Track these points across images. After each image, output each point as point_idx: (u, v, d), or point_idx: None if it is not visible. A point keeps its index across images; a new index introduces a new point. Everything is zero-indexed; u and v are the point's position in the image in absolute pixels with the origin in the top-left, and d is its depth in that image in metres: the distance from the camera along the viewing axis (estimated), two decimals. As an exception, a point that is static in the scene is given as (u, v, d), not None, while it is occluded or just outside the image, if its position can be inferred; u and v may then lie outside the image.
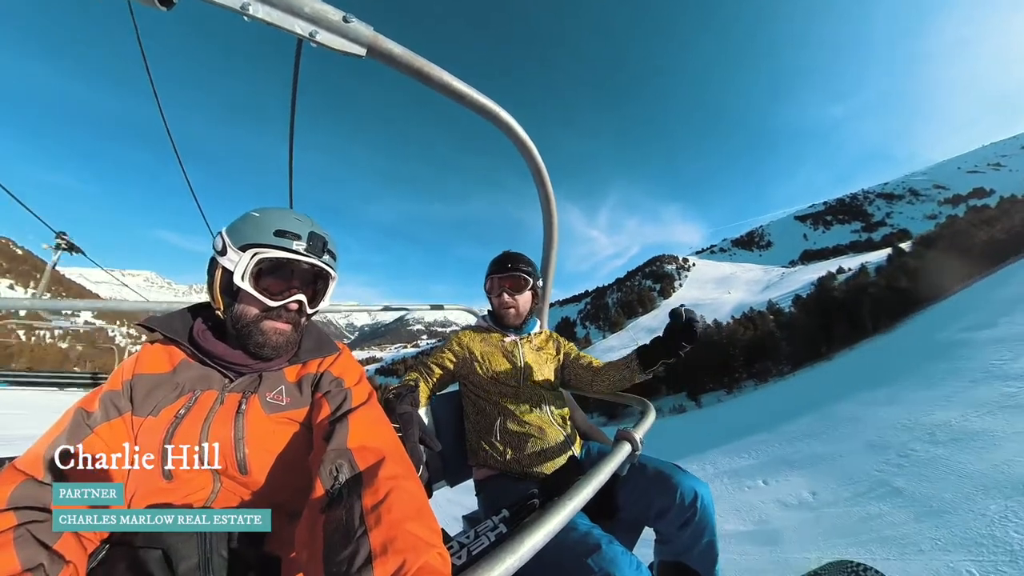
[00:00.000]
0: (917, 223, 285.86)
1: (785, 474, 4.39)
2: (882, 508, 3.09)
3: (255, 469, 0.86)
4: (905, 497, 3.17)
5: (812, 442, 5.22)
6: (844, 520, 3.10)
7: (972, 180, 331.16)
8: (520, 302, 1.75)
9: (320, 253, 0.96)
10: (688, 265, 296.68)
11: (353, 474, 0.72)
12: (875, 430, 4.92)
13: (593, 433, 1.82)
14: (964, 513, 2.72)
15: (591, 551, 1.00)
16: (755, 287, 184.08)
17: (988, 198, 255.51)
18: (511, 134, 1.39)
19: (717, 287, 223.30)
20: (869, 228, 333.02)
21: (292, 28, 0.86)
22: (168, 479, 0.81)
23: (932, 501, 2.98)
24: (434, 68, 1.09)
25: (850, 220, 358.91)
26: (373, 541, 0.59)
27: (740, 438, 6.44)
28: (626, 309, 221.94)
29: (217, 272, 0.92)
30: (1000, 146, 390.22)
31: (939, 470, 3.43)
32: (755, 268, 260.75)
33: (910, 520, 2.83)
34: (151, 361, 0.92)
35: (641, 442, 1.14)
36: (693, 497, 1.24)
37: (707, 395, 50.46)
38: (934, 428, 4.36)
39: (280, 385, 0.96)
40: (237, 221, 0.94)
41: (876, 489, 3.43)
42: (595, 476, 0.87)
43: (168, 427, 0.83)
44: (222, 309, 0.94)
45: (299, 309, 0.97)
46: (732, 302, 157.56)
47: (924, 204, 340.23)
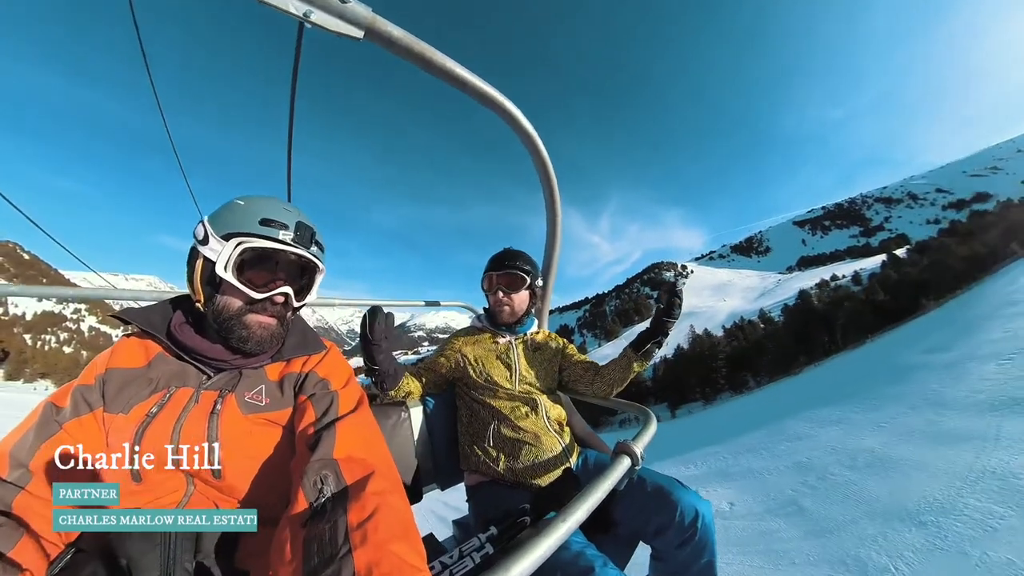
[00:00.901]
0: (916, 228, 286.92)
1: (717, 485, 4.69)
2: (781, 524, 3.39)
3: (229, 473, 0.81)
4: (805, 516, 3.46)
5: (752, 457, 5.50)
6: (745, 532, 3.40)
7: (974, 184, 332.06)
8: (516, 301, 1.70)
9: (308, 244, 0.92)
10: (686, 272, 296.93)
11: (339, 487, 0.69)
12: (808, 450, 5.20)
13: (591, 441, 1.74)
14: (844, 534, 3.01)
15: (584, 574, 0.97)
16: (750, 294, 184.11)
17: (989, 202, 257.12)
18: (514, 124, 1.34)
19: (713, 294, 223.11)
20: (867, 233, 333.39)
21: (286, 7, 0.83)
22: (137, 481, 0.77)
23: (824, 522, 3.27)
24: (436, 53, 1.04)
25: (848, 225, 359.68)
26: (357, 562, 0.56)
27: (694, 449, 6.72)
28: (622, 318, 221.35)
29: (198, 262, 0.87)
30: (997, 149, 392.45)
31: (844, 493, 3.72)
32: (752, 275, 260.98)
33: (798, 537, 3.13)
34: (126, 355, 0.87)
35: (642, 456, 1.07)
36: (694, 516, 1.19)
37: (686, 406, 50.65)
38: (858, 453, 4.62)
39: (260, 384, 0.91)
40: (221, 209, 0.89)
41: (785, 507, 3.72)
42: (591, 494, 0.83)
43: (139, 426, 0.79)
44: (202, 301, 0.88)
45: (285, 302, 0.93)
46: (727, 310, 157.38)
47: (924, 208, 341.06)
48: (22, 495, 0.70)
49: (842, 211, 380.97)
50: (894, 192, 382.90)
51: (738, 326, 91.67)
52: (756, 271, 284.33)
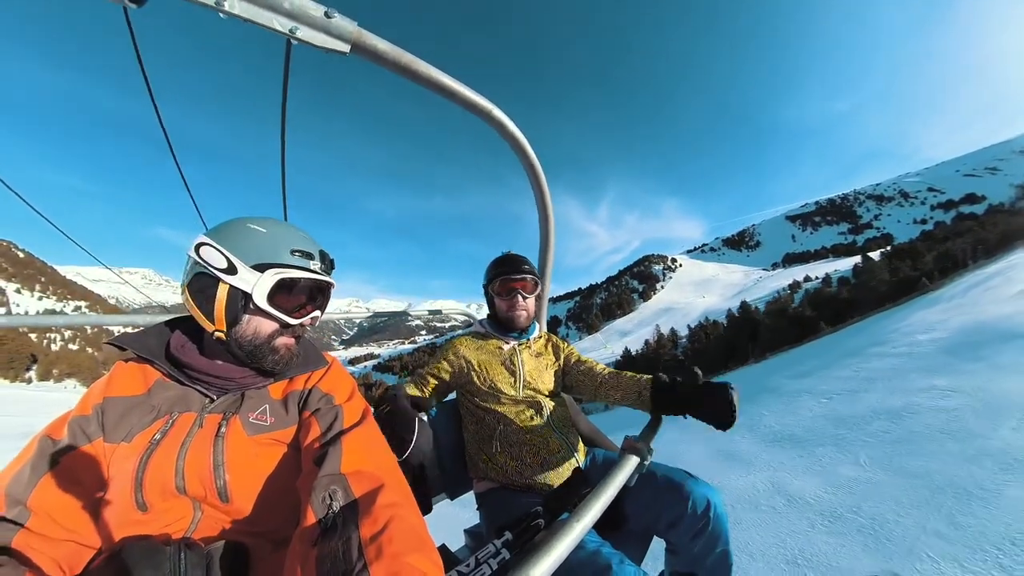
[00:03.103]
0: (903, 227, 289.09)
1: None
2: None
3: (237, 496, 0.80)
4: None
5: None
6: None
7: (967, 184, 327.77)
8: (530, 305, 1.73)
9: (331, 270, 0.97)
10: (675, 266, 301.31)
11: (349, 501, 0.68)
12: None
13: (597, 439, 1.75)
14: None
15: (601, 573, 0.96)
16: (730, 291, 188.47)
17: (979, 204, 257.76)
18: (503, 131, 1.37)
19: (696, 290, 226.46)
20: (856, 230, 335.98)
21: (271, 24, 0.84)
22: (144, 510, 0.76)
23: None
24: (421, 64, 1.06)
25: (838, 221, 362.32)
26: None
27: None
28: (605, 312, 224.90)
29: (221, 291, 0.84)
30: (997, 149, 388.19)
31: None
32: (738, 270, 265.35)
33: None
34: (123, 382, 0.86)
35: (650, 452, 1.07)
36: (706, 506, 1.18)
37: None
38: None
39: (264, 404, 0.91)
40: (234, 235, 0.86)
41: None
42: (601, 493, 0.83)
43: (142, 454, 0.78)
44: (224, 329, 0.86)
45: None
46: (703, 307, 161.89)
47: (914, 208, 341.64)
48: (22, 533, 0.68)
49: (834, 207, 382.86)
50: (887, 189, 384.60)
51: (701, 326, 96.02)
52: (743, 266, 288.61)
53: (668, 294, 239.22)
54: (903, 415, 4.12)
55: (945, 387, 4.44)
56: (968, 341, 5.74)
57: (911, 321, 8.42)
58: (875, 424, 4.10)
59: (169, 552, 0.69)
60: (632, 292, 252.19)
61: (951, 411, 3.88)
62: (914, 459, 3.25)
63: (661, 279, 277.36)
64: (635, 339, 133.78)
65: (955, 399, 4.09)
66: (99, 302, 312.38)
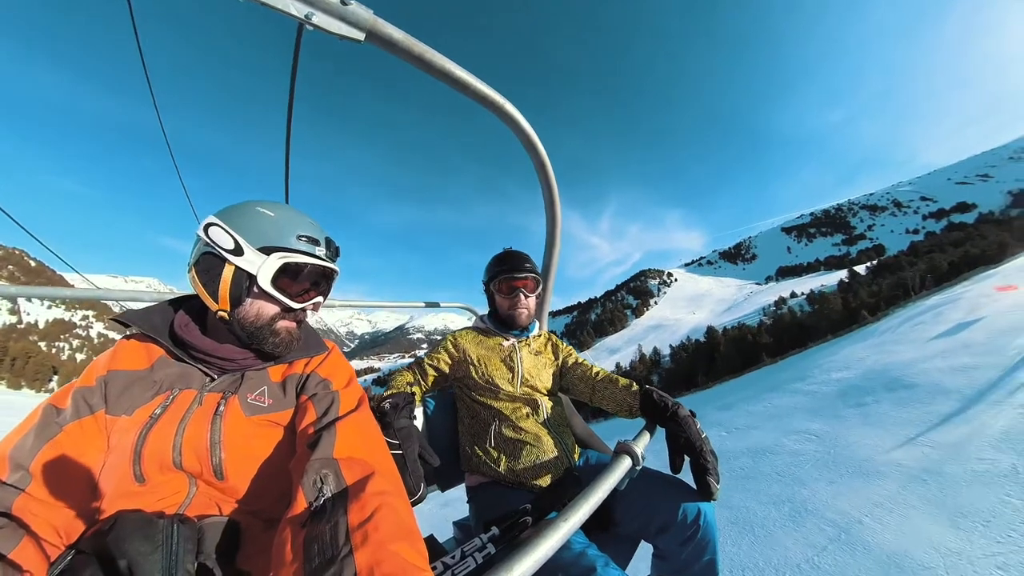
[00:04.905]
0: (896, 237, 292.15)
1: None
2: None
3: (232, 474, 0.82)
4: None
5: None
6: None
7: (959, 193, 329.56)
8: (531, 304, 1.74)
9: (336, 257, 0.98)
10: (671, 280, 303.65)
11: (339, 487, 0.69)
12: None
13: (592, 441, 1.76)
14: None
15: (585, 574, 0.96)
16: (720, 307, 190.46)
17: (969, 213, 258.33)
18: (514, 126, 1.36)
19: (688, 305, 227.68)
20: (850, 241, 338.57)
21: (287, 9, 0.83)
22: (140, 482, 0.78)
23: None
24: (436, 55, 1.05)
25: (833, 232, 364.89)
26: (359, 562, 0.55)
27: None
28: (597, 329, 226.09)
29: (226, 271, 0.85)
30: (989, 156, 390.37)
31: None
32: (732, 284, 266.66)
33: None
34: (128, 357, 0.88)
35: (642, 456, 1.06)
36: (696, 513, 1.18)
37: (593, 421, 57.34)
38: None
39: (263, 385, 0.92)
40: (240, 215, 0.88)
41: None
42: (592, 494, 0.82)
43: (142, 428, 0.80)
44: (228, 309, 0.87)
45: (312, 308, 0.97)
46: (692, 324, 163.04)
47: (907, 217, 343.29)
48: (22, 497, 0.70)
49: (828, 218, 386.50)
50: (880, 199, 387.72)
51: (683, 346, 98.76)
52: (738, 279, 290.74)
53: (660, 310, 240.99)
54: (764, 454, 4.18)
55: (813, 431, 4.49)
56: (862, 385, 5.77)
57: (838, 357, 8.29)
58: (739, 460, 4.17)
59: (162, 525, 0.70)
60: (626, 308, 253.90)
61: (798, 456, 3.95)
62: (736, 493, 3.39)
63: (655, 294, 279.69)
64: (624, 356, 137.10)
65: (810, 445, 4.15)
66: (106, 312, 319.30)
